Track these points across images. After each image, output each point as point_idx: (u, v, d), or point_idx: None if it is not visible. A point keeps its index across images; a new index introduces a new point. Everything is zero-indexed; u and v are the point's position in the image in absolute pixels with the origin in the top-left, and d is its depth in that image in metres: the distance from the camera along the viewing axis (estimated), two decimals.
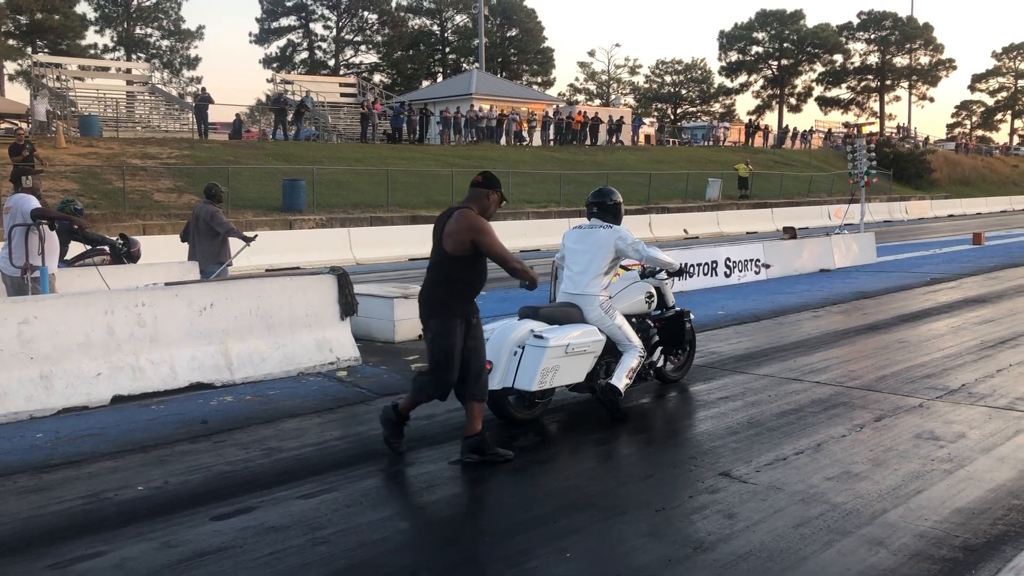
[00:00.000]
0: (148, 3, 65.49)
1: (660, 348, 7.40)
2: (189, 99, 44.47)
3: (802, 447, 5.93)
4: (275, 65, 73.37)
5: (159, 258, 12.56)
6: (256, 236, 11.10)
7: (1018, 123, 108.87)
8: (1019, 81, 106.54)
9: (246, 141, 34.53)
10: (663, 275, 7.36)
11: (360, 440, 6.23)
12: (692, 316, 7.81)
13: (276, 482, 5.30)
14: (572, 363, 6.40)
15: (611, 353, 6.78)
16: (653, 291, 7.44)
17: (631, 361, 6.70)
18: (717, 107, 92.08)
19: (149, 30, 67.02)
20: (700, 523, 4.62)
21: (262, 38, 74.60)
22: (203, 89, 35.67)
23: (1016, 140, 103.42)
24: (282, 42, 74.74)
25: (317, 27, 74.92)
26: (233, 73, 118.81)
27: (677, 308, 7.75)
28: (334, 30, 74.98)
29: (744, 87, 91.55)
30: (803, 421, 6.56)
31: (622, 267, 7.75)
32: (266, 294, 8.24)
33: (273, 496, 5.05)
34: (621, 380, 6.61)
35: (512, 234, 24.41)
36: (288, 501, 4.98)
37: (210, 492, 5.14)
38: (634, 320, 7.13)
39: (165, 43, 67.74)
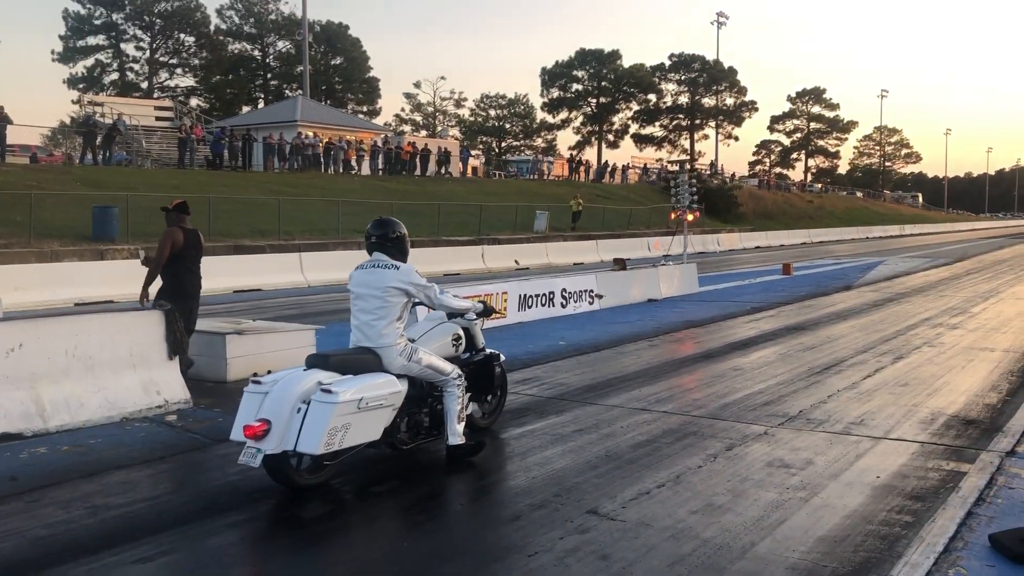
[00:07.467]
0: None
1: (468, 395, 6.64)
2: None
3: (662, 479, 5.92)
4: (82, 86, 69.11)
5: None
6: None
7: (811, 162, 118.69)
8: (811, 124, 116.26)
9: (50, 165, 32.10)
10: (472, 315, 6.75)
11: (199, 492, 5.69)
12: (503, 359, 7.37)
13: (105, 546, 4.70)
14: (366, 420, 5.64)
15: (414, 403, 6.17)
16: (461, 332, 6.89)
17: (453, 404, 6.19)
18: (540, 142, 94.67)
19: None
20: (576, 567, 4.46)
21: (67, 56, 70.13)
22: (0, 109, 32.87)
23: (810, 177, 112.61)
24: (89, 62, 70.69)
25: (129, 48, 71.36)
26: (34, 93, 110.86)
27: (487, 351, 7.16)
28: (147, 51, 71.55)
29: (565, 123, 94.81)
30: (659, 452, 6.58)
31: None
32: (85, 333, 7.48)
33: (103, 562, 4.47)
34: (456, 434, 6.17)
35: (336, 265, 23.87)
36: (121, 567, 4.42)
37: (25, 562, 4.49)
38: None
39: None
